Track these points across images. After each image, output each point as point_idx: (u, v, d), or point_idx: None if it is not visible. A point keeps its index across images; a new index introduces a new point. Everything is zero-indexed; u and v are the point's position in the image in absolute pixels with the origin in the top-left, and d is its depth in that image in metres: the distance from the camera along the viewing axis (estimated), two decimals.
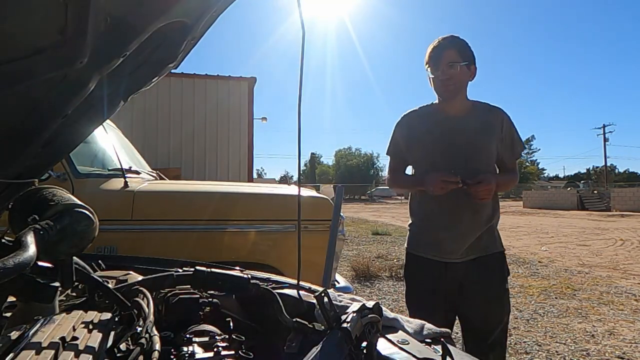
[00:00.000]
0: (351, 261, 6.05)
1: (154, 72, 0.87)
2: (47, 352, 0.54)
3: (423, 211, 1.81)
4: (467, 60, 1.72)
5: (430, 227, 1.77)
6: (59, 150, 0.93)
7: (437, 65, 1.72)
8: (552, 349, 3.19)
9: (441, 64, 1.70)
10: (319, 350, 0.61)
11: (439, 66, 1.71)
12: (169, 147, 9.02)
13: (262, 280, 1.09)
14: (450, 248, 1.70)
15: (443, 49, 1.71)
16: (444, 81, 1.71)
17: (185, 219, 2.39)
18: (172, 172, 6.16)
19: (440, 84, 1.73)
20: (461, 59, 1.70)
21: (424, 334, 0.81)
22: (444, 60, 1.70)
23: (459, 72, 1.70)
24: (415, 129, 1.83)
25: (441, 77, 1.71)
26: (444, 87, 1.72)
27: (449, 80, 1.70)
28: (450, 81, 1.70)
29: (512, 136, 1.82)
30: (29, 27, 0.55)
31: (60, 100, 0.71)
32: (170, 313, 0.95)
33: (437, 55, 1.72)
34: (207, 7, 0.78)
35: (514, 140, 1.83)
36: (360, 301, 0.81)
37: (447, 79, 1.70)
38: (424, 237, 1.78)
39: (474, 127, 1.74)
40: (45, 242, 0.71)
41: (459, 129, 1.74)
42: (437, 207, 1.73)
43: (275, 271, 2.14)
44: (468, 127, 1.74)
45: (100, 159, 2.69)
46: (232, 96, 9.64)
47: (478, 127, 1.75)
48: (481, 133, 1.74)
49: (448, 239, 1.70)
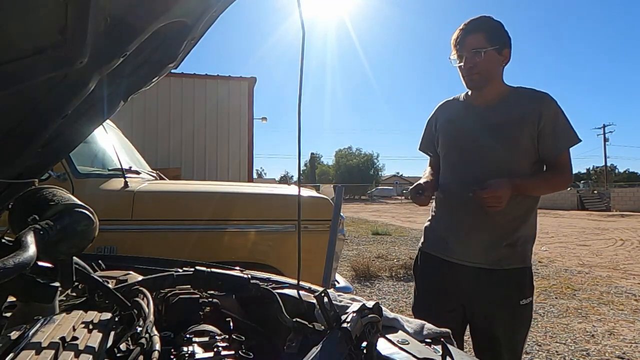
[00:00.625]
0: (351, 261, 6.05)
1: (154, 72, 0.87)
2: (47, 352, 0.54)
3: (435, 209, 1.73)
4: (497, 44, 1.51)
5: (438, 224, 1.69)
6: (59, 150, 0.93)
7: (460, 52, 1.55)
8: (552, 349, 3.19)
9: (465, 50, 1.53)
10: (319, 350, 0.61)
11: (463, 53, 1.54)
12: (169, 147, 9.02)
13: (262, 280, 1.09)
14: (453, 247, 1.58)
15: (467, 33, 1.53)
16: (467, 70, 1.54)
17: (185, 219, 2.39)
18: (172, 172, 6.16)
19: (464, 73, 1.56)
20: (488, 43, 1.50)
21: (424, 334, 0.81)
22: (467, 46, 1.52)
23: (484, 60, 1.50)
24: (442, 119, 1.72)
25: (465, 65, 1.54)
26: (468, 76, 1.56)
27: (473, 68, 1.53)
28: (475, 69, 1.52)
29: (553, 127, 1.52)
30: (29, 27, 0.55)
31: (60, 100, 0.71)
32: (170, 313, 0.95)
33: (460, 42, 1.55)
34: (207, 7, 0.78)
35: (557, 132, 1.53)
36: (360, 301, 0.81)
37: (470, 67, 1.53)
38: (432, 234, 1.70)
39: (501, 119, 1.54)
40: (45, 242, 0.71)
41: (477, 122, 1.58)
42: (446, 205, 1.66)
43: (275, 271, 2.14)
44: (497, 119, 1.55)
45: (100, 159, 2.69)
46: (232, 96, 9.64)
47: (506, 119, 1.54)
48: (507, 126, 1.53)
49: (451, 237, 1.59)
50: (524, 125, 1.51)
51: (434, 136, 1.76)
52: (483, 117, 1.58)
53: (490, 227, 1.51)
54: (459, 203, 1.57)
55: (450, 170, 1.67)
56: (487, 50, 1.50)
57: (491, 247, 1.52)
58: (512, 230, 1.52)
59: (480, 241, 1.53)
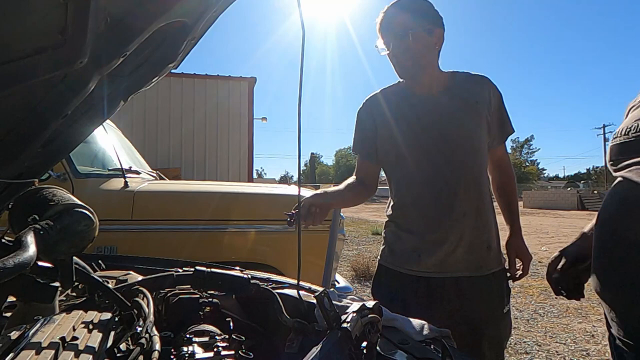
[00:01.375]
0: (351, 261, 6.05)
1: (154, 72, 0.87)
2: (47, 352, 0.54)
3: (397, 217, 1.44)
4: (427, 24, 1.34)
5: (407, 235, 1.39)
6: (59, 150, 0.93)
7: (387, 38, 1.36)
8: (552, 349, 3.19)
9: (391, 35, 1.35)
10: (319, 350, 0.61)
11: (390, 39, 1.35)
12: (169, 147, 9.02)
13: (262, 280, 1.09)
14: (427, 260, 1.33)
15: (392, 16, 1.35)
16: (398, 56, 1.36)
17: (185, 219, 2.39)
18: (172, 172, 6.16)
19: (395, 60, 1.37)
20: (416, 24, 1.32)
21: (424, 334, 0.81)
22: (393, 30, 1.34)
23: (414, 42, 1.32)
24: (383, 116, 1.43)
25: (394, 51, 1.35)
26: (400, 64, 1.37)
27: (403, 54, 1.34)
28: (407, 54, 1.34)
29: (501, 112, 1.44)
30: (29, 27, 0.55)
31: (60, 100, 0.71)
32: (170, 313, 0.95)
33: (385, 26, 1.36)
34: (207, 7, 0.78)
35: (503, 120, 1.44)
36: (360, 301, 0.81)
37: (400, 53, 1.35)
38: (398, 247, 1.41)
39: (454, 107, 1.36)
40: (45, 242, 0.71)
41: (434, 113, 1.37)
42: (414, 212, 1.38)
43: (275, 271, 2.14)
44: (445, 109, 1.36)
45: (100, 159, 2.69)
46: (232, 96, 9.65)
47: (459, 106, 1.36)
48: (463, 113, 1.36)
49: (426, 250, 1.34)
50: (481, 110, 1.38)
51: (372, 139, 1.46)
52: (437, 106, 1.37)
53: (467, 233, 1.33)
54: (432, 208, 1.34)
55: (412, 175, 1.38)
56: (416, 31, 1.31)
57: (470, 253, 1.34)
58: (487, 232, 1.38)
59: (458, 248, 1.33)
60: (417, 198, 1.38)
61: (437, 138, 1.35)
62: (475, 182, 1.36)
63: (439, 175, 1.34)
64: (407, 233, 1.39)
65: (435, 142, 1.35)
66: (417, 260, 1.35)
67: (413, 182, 1.39)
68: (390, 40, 1.36)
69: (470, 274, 1.33)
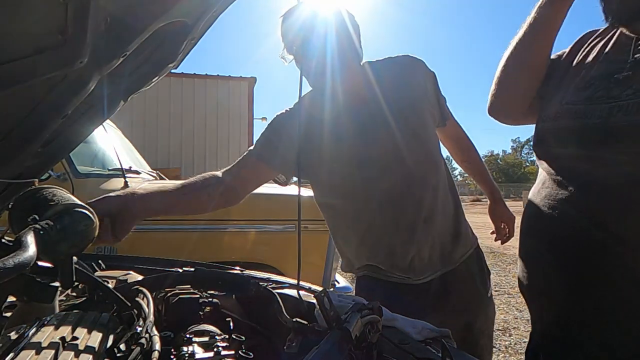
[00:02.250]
0: None
1: (154, 72, 0.87)
2: (47, 352, 0.54)
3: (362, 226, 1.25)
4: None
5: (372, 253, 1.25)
6: (59, 150, 0.93)
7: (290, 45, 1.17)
8: None
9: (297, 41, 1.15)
10: (318, 350, 0.61)
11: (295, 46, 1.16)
12: (169, 147, 9.03)
13: (262, 280, 1.09)
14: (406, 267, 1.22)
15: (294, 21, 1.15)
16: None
17: (185, 219, 2.39)
18: (172, 172, 6.16)
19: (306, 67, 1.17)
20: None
21: (424, 334, 0.81)
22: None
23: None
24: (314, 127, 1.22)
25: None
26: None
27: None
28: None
29: (438, 93, 1.30)
30: (29, 27, 0.55)
31: (60, 100, 0.71)
32: (170, 313, 0.95)
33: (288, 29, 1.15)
34: (207, 7, 0.78)
35: (440, 98, 1.31)
36: (360, 301, 0.81)
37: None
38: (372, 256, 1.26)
39: (396, 105, 1.18)
40: (45, 242, 0.71)
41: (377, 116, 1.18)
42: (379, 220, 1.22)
43: (275, 271, 2.14)
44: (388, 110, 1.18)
45: (100, 159, 2.70)
46: (232, 96, 9.65)
47: (401, 103, 1.19)
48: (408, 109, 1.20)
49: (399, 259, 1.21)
50: (423, 100, 1.25)
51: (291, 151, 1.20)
52: (376, 108, 1.19)
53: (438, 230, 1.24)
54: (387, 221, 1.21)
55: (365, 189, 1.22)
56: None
57: (443, 247, 1.26)
58: (457, 222, 1.30)
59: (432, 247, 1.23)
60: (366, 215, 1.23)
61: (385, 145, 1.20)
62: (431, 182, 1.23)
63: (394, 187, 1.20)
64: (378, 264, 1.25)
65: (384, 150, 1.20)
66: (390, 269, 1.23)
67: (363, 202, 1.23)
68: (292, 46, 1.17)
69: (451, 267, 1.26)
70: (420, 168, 1.21)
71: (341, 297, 0.95)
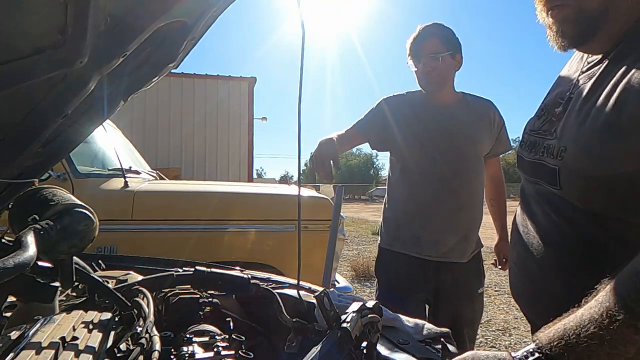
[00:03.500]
0: (351, 261, 6.04)
1: (154, 72, 0.87)
2: (47, 352, 0.54)
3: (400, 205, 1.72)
4: (451, 49, 1.61)
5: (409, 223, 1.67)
6: (59, 150, 0.93)
7: (418, 57, 1.63)
8: None
9: (422, 55, 1.62)
10: (319, 350, 0.61)
11: (420, 58, 1.62)
12: (169, 147, 9.02)
13: (262, 280, 1.10)
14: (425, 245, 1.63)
15: (424, 39, 1.62)
16: (426, 74, 1.63)
17: (185, 219, 2.39)
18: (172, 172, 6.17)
19: (423, 76, 1.64)
20: (444, 48, 1.60)
21: (424, 334, 0.82)
22: (425, 51, 1.61)
23: (442, 63, 1.60)
24: (403, 113, 1.70)
25: (423, 69, 1.62)
26: (427, 79, 1.64)
27: (432, 72, 1.61)
28: (434, 73, 1.61)
29: (501, 133, 1.77)
30: (29, 27, 0.55)
31: (60, 100, 0.71)
32: (170, 313, 0.95)
33: (417, 46, 1.63)
34: (207, 7, 0.78)
35: (502, 138, 1.78)
36: (360, 301, 0.81)
37: (429, 71, 1.61)
38: (402, 234, 1.69)
39: (468, 118, 1.68)
40: (45, 242, 0.71)
41: (452, 119, 1.66)
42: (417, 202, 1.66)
43: (275, 271, 2.14)
44: (461, 117, 1.67)
45: (100, 159, 2.70)
46: (232, 96, 9.64)
47: (471, 118, 1.68)
48: (475, 125, 1.68)
49: (425, 235, 1.63)
50: (485, 125, 1.71)
51: (385, 132, 1.72)
52: (452, 113, 1.67)
53: (460, 226, 1.65)
54: (433, 200, 1.63)
55: (422, 169, 1.65)
56: (443, 54, 1.59)
57: (460, 243, 1.65)
58: (475, 227, 1.70)
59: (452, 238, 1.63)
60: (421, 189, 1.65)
61: (446, 138, 1.63)
62: (472, 180, 1.67)
63: (448, 173, 1.61)
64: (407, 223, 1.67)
65: (443, 140, 1.63)
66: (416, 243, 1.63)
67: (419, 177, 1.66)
68: (421, 59, 1.63)
69: (458, 260, 1.64)
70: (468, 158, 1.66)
71: (341, 297, 0.95)
